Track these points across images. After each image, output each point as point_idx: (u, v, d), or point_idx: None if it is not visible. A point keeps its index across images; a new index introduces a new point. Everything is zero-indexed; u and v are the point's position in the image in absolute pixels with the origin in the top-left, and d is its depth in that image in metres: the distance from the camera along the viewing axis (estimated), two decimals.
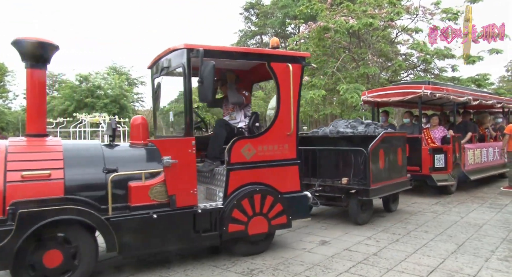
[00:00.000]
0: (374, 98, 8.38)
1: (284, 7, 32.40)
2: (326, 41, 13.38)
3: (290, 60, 4.22)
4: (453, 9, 12.91)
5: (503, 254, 4.06)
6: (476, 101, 8.37)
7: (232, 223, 3.83)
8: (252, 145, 4.02)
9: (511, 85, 32.82)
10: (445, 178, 7.35)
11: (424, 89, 7.15)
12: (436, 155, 7.32)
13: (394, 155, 5.81)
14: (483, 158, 8.86)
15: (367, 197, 5.16)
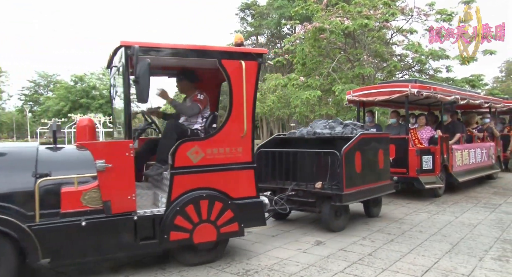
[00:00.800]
0: (359, 97, 8.07)
1: (280, 8, 32.47)
2: (321, 42, 13.41)
3: (243, 57, 3.96)
4: (447, 10, 13.00)
5: (496, 253, 4.09)
6: (463, 101, 8.15)
7: (174, 230, 3.59)
8: (200, 148, 3.77)
9: (505, 85, 33.08)
10: (433, 180, 7.13)
11: (410, 88, 6.90)
12: (423, 156, 7.08)
13: (373, 157, 5.46)
14: (471, 159, 8.64)
15: (340, 203, 4.79)
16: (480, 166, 9.00)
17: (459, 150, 8.11)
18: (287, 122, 36.00)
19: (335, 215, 5.05)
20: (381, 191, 5.63)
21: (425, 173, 7.05)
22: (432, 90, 7.14)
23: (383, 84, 8.25)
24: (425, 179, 7.01)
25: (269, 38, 41.72)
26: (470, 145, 8.82)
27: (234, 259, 4.01)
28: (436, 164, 7.14)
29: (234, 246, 4.48)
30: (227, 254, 4.18)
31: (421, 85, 7.08)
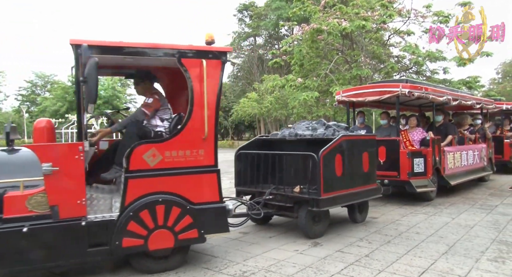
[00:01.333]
0: (348, 98, 7.76)
1: (278, 9, 32.51)
2: (319, 43, 13.46)
3: (205, 56, 3.79)
4: (444, 12, 13.06)
5: (493, 255, 4.11)
6: (455, 102, 7.92)
7: (127, 237, 3.43)
8: (157, 150, 3.60)
9: (501, 87, 33.23)
10: (425, 183, 6.88)
11: (401, 88, 6.65)
12: (415, 159, 6.83)
13: (357, 160, 5.22)
14: (463, 162, 8.37)
15: (318, 208, 4.54)
16: (472, 168, 8.77)
17: (451, 152, 7.90)
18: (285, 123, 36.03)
19: (313, 221, 4.81)
20: (366, 196, 5.39)
21: (416, 176, 6.82)
22: (424, 91, 6.93)
23: (373, 84, 7.96)
24: (417, 182, 6.80)
25: (267, 39, 41.76)
26: (462, 147, 8.57)
27: (231, 261, 4.00)
28: (428, 166, 6.93)
29: (231, 247, 4.48)
30: (224, 255, 4.18)
31: (412, 85, 6.87)
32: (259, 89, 31.38)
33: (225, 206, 3.91)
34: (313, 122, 5.91)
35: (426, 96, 6.97)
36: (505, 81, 39.15)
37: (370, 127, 8.53)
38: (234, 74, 48.71)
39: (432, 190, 7.08)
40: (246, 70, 45.08)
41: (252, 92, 33.06)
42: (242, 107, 36.55)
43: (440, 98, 7.33)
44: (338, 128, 5.52)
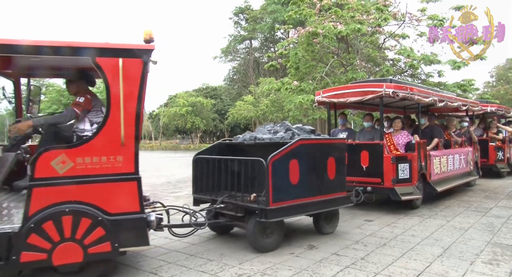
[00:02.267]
0: (329, 98, 7.22)
1: (273, 12, 32.61)
2: (314, 46, 13.49)
3: (123, 55, 3.49)
4: (438, 15, 13.16)
5: (487, 257, 4.13)
6: (441, 103, 7.53)
7: (27, 250, 3.14)
8: (67, 156, 3.32)
9: (495, 90, 33.50)
10: (410, 190, 6.42)
11: (385, 88, 6.22)
12: (400, 164, 6.33)
13: (320, 166, 4.75)
14: (449, 166, 7.93)
15: (266, 219, 4.11)
16: (458, 173, 8.35)
17: (438, 156, 7.46)
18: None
19: (263, 233, 4.37)
20: (331, 205, 4.87)
21: (401, 182, 6.34)
22: (409, 91, 6.50)
23: (356, 84, 7.40)
24: (402, 189, 6.32)
25: (263, 42, 41.87)
26: (449, 151, 8.12)
27: (227, 264, 3.99)
28: (413, 172, 6.48)
29: (226, 250, 4.46)
30: (220, 258, 4.16)
31: (396, 85, 6.41)
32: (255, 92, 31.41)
33: (145, 217, 3.58)
34: (277, 125, 5.55)
35: (412, 97, 6.56)
36: (499, 84, 39.48)
37: (352, 130, 8.12)
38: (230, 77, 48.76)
39: (418, 197, 6.61)
40: (242, 73, 45.14)
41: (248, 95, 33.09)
42: (238, 110, 36.59)
43: (426, 99, 6.97)
44: (300, 131, 5.10)
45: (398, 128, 7.15)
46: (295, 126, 5.34)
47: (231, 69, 47.73)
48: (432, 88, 9.40)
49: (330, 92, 7.32)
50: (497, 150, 11.34)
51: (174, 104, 42.56)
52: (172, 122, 45.06)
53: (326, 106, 7.80)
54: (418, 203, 6.84)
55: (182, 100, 40.35)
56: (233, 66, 47.01)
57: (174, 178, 13.21)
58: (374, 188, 6.34)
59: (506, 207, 6.90)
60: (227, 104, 46.95)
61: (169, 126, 49.10)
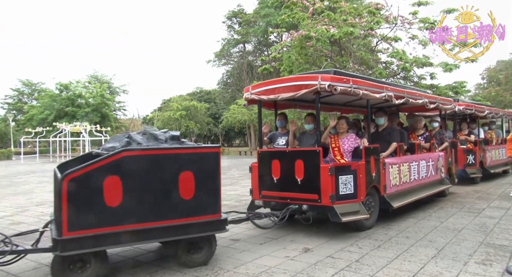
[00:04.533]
0: (258, 95, 5.85)
1: (267, 16, 32.72)
2: (308, 50, 13.57)
3: None
4: (430, 19, 13.30)
5: (480, 257, 4.16)
6: (399, 100, 6.26)
7: None
8: None
9: (487, 92, 33.84)
10: (355, 209, 5.16)
11: (320, 80, 5.01)
12: (340, 176, 5.08)
13: (164, 183, 3.79)
14: (412, 176, 6.71)
15: (59, 252, 3.31)
16: (425, 182, 7.17)
17: (395, 164, 6.20)
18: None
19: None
20: (186, 232, 3.86)
21: (343, 199, 5.08)
22: (351, 84, 5.22)
23: (289, 77, 6.11)
24: (344, 207, 5.05)
25: (256, 46, 41.98)
26: (411, 157, 6.81)
27: (222, 268, 3.98)
28: (359, 185, 5.25)
29: (221, 254, 4.45)
30: (214, 262, 4.15)
31: (334, 77, 5.14)
32: None
33: None
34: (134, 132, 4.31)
35: (355, 92, 5.27)
36: (490, 86, 39.90)
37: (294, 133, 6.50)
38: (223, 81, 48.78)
39: (365, 217, 5.23)
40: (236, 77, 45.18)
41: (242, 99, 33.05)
42: (232, 114, 36.60)
43: (376, 95, 5.70)
44: (145, 138, 4.04)
45: (343, 131, 5.88)
46: (159, 132, 4.22)
47: (225, 73, 47.77)
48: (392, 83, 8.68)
49: (260, 87, 5.93)
50: (467, 153, 10.32)
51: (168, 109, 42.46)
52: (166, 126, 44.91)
53: (259, 105, 6.27)
54: (368, 224, 5.49)
55: (176, 104, 40.27)
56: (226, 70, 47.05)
57: None
58: (310, 206, 5.14)
59: (498, 208, 6.96)
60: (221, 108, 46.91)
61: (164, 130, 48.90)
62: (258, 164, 5.93)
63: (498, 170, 11.81)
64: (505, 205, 7.19)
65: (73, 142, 33.59)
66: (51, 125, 32.55)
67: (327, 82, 5.00)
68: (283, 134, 6.44)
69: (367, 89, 5.52)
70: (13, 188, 11.98)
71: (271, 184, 5.68)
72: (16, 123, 43.36)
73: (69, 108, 36.23)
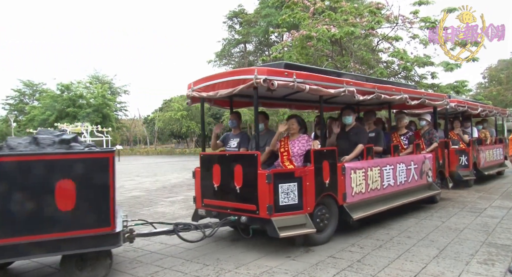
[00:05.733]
0: (199, 92, 5.19)
1: (267, 16, 32.71)
2: (309, 49, 13.56)
3: None
4: (430, 18, 13.28)
5: (482, 257, 4.15)
6: (365, 96, 5.43)
7: None
8: None
9: (488, 91, 33.79)
10: (300, 221, 4.46)
11: (257, 74, 4.30)
12: (281, 185, 4.37)
13: (34, 194, 3.34)
14: (386, 181, 5.90)
15: None
16: (405, 188, 6.38)
17: (361, 168, 5.41)
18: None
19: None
20: (64, 248, 3.43)
21: (284, 211, 4.37)
22: (294, 78, 4.45)
23: (227, 71, 5.58)
24: (284, 221, 4.34)
25: (257, 46, 41.97)
26: (384, 160, 6.01)
27: (223, 268, 3.98)
28: (306, 195, 4.53)
29: (222, 255, 4.45)
30: (216, 263, 4.15)
31: (272, 70, 4.46)
32: None
33: None
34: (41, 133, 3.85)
35: (299, 87, 4.52)
36: (492, 85, 39.83)
37: (246, 134, 5.95)
38: None
39: (310, 231, 4.47)
40: None
41: None
42: None
43: (330, 90, 4.93)
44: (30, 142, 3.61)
45: (294, 132, 5.21)
46: (53, 134, 3.78)
47: None
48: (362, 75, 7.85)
49: (201, 83, 5.22)
50: (460, 154, 9.41)
51: (169, 109, 42.51)
52: (167, 127, 44.99)
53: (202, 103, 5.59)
54: (320, 238, 4.76)
55: (177, 104, 40.31)
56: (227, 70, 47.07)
57: (169, 183, 13.16)
58: (249, 217, 4.50)
59: (500, 207, 6.94)
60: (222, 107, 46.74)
61: (164, 131, 48.99)
62: (200, 168, 5.27)
63: (492, 171, 11.10)
64: (507, 205, 7.17)
65: None
66: (52, 126, 32.62)
67: (263, 76, 4.30)
68: (235, 136, 5.89)
69: (317, 84, 4.78)
70: None
71: (212, 192, 5.00)
72: (18, 124, 43.47)
73: (70, 108, 36.30)
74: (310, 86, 4.64)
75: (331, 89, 4.95)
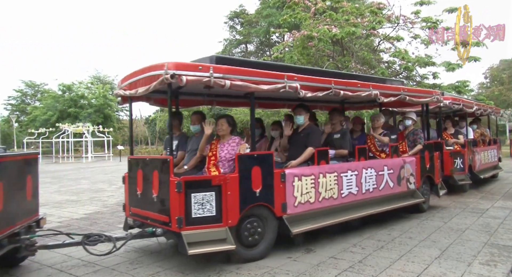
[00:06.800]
0: (125, 90, 4.70)
1: (268, 16, 32.71)
2: (310, 50, 13.55)
3: None
4: (432, 18, 13.26)
5: (484, 258, 4.13)
6: (313, 93, 4.75)
7: None
8: None
9: (489, 91, 33.71)
10: (219, 236, 3.90)
11: (167, 69, 3.76)
12: (194, 194, 3.83)
13: None
14: (346, 189, 5.14)
15: None
16: (373, 197, 5.56)
17: (308, 175, 4.70)
18: None
19: None
20: None
21: (198, 224, 3.83)
22: (211, 73, 3.86)
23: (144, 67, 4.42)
24: (198, 235, 3.81)
25: (258, 46, 41.96)
26: (344, 165, 5.25)
27: (224, 269, 3.97)
28: (226, 206, 3.95)
29: (224, 255, 4.44)
30: (217, 263, 4.13)
31: (181, 64, 3.86)
32: None
33: None
34: None
35: (217, 83, 3.92)
36: (493, 85, 39.74)
37: (185, 136, 5.52)
38: None
39: (228, 248, 3.87)
40: None
41: None
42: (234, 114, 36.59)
43: (263, 86, 4.27)
44: None
45: (224, 133, 4.65)
46: None
47: None
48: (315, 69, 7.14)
49: (127, 80, 4.72)
50: (455, 157, 8.50)
51: None
52: None
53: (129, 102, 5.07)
54: (246, 256, 4.17)
55: None
56: None
57: None
58: (164, 230, 4.02)
59: (502, 208, 6.92)
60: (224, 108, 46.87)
61: (165, 131, 49.02)
62: (128, 173, 4.86)
63: (488, 174, 10.18)
64: (509, 205, 7.15)
65: (76, 142, 33.65)
66: (54, 126, 32.66)
67: (171, 71, 3.78)
68: (176, 138, 5.39)
69: (244, 79, 4.13)
70: None
71: (136, 199, 4.58)
72: (19, 124, 43.55)
73: (72, 109, 36.35)
74: (232, 82, 4.01)
75: (264, 85, 4.30)
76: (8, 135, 45.69)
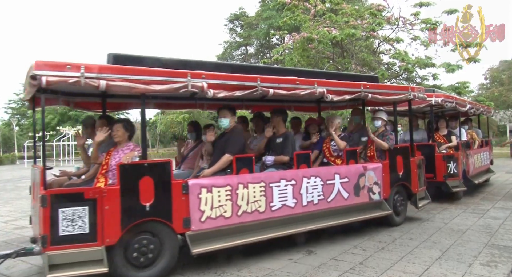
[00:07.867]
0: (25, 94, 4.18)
1: (268, 19, 32.82)
2: (310, 52, 13.59)
3: None
4: (431, 19, 13.29)
5: (485, 259, 4.13)
6: (229, 92, 4.11)
7: None
8: None
9: (490, 92, 33.71)
10: (93, 257, 3.45)
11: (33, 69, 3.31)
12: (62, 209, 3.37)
13: None
14: (279, 201, 4.45)
15: None
16: (320, 210, 4.80)
17: (221, 186, 4.09)
18: None
19: None
20: None
21: (65, 243, 3.36)
22: (82, 73, 3.40)
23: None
24: (65, 256, 3.35)
25: (258, 48, 42.04)
26: (275, 174, 4.54)
27: (225, 271, 3.98)
28: (102, 222, 3.48)
29: (224, 258, 4.45)
30: (218, 265, 4.14)
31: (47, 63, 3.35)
32: None
33: None
34: None
35: (89, 84, 3.43)
36: (493, 86, 39.73)
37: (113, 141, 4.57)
38: None
39: (100, 271, 3.39)
40: None
41: None
42: None
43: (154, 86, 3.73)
44: None
45: (120, 139, 4.25)
46: None
47: None
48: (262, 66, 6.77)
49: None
50: (448, 161, 7.66)
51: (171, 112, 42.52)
52: (169, 129, 45.02)
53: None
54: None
55: None
56: None
57: None
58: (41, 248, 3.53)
59: (503, 208, 6.92)
60: None
61: (166, 134, 49.03)
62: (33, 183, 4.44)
63: (482, 179, 9.42)
64: (510, 206, 7.15)
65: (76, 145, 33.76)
66: (54, 130, 32.71)
67: (32, 71, 3.31)
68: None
69: (130, 78, 3.60)
70: (17, 192, 12.02)
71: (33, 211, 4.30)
72: (20, 128, 43.62)
73: (73, 112, 36.40)
74: (109, 82, 3.48)
75: (157, 85, 3.73)
76: (9, 139, 45.72)
